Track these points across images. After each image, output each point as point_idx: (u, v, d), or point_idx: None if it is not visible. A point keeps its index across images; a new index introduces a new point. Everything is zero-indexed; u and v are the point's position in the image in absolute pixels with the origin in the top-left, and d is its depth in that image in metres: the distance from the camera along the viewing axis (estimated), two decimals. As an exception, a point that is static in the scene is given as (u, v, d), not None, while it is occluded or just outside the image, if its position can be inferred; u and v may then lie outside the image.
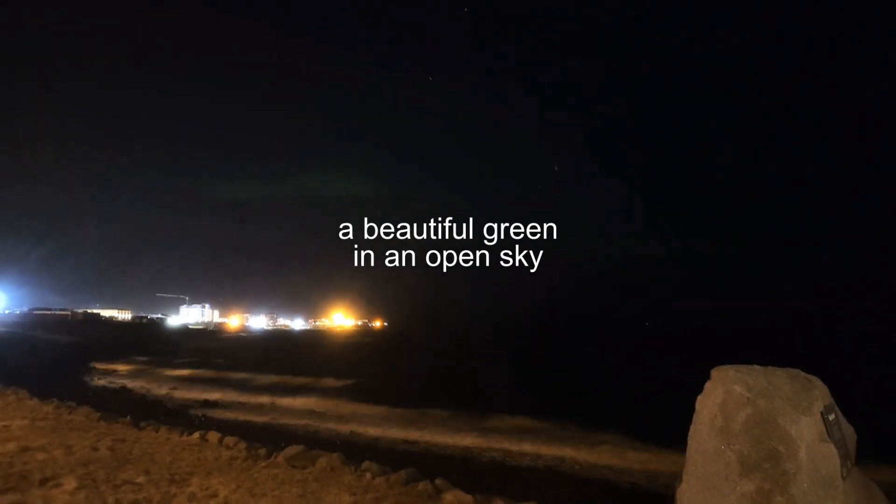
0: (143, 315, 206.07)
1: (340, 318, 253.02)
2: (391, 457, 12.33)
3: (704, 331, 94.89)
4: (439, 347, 69.72)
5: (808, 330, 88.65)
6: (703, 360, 5.86)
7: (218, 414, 20.38)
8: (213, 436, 10.08)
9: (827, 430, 4.10)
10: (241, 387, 28.53)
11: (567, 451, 13.96)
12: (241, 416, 19.71)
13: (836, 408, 4.54)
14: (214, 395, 25.00)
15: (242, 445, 9.47)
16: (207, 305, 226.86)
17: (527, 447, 14.53)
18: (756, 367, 4.46)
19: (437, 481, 7.67)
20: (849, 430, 4.64)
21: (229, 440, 9.81)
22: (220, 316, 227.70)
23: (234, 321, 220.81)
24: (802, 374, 4.60)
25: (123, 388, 27.86)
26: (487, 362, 47.37)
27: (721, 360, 4.65)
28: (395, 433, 16.45)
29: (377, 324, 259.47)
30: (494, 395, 24.47)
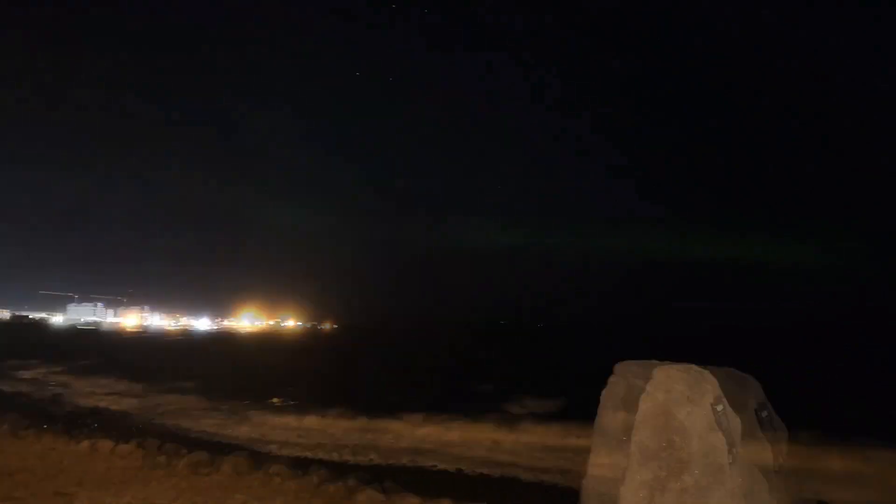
0: (24, 314, 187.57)
1: (251, 318, 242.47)
2: (305, 459, 11.97)
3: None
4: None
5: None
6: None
7: (112, 420, 18.92)
8: (105, 444, 9.36)
9: (716, 420, 4.44)
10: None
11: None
12: (140, 422, 18.41)
13: (724, 399, 4.91)
14: (108, 400, 23.19)
15: (139, 453, 8.87)
16: (100, 304, 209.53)
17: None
18: (655, 361, 4.74)
19: (350, 482, 7.58)
20: (735, 421, 5.04)
21: (123, 448, 9.14)
22: (116, 315, 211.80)
23: (131, 321, 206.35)
24: (695, 367, 4.94)
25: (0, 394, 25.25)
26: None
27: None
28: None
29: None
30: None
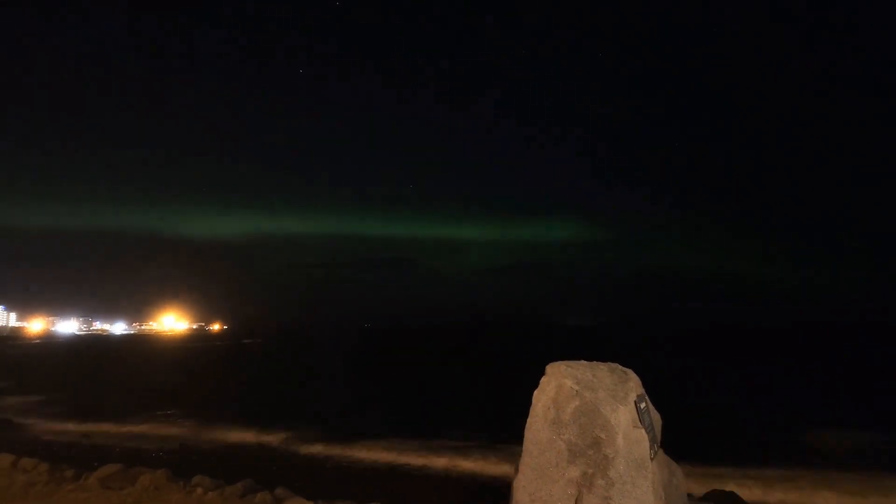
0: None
1: (172, 322, 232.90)
2: (229, 467, 11.50)
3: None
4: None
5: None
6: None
7: (14, 431, 17.45)
8: (5, 458, 8.61)
9: (639, 416, 4.63)
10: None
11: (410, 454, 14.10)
12: (46, 434, 17.08)
13: (647, 397, 5.14)
14: (10, 409, 21.41)
15: (44, 467, 8.22)
16: (1, 307, 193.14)
17: (370, 452, 14.43)
18: (583, 361, 4.90)
19: (278, 490, 7.35)
20: (656, 416, 5.29)
21: (26, 462, 8.45)
22: (19, 319, 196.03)
23: (37, 325, 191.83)
24: (619, 367, 5.15)
25: None
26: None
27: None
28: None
29: (215, 327, 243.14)
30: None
